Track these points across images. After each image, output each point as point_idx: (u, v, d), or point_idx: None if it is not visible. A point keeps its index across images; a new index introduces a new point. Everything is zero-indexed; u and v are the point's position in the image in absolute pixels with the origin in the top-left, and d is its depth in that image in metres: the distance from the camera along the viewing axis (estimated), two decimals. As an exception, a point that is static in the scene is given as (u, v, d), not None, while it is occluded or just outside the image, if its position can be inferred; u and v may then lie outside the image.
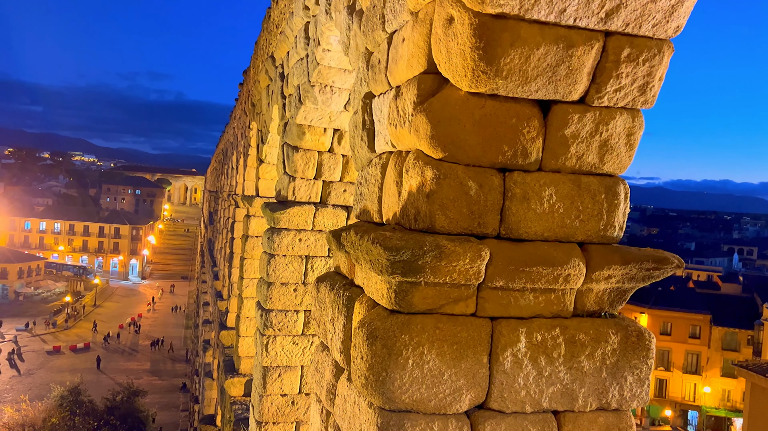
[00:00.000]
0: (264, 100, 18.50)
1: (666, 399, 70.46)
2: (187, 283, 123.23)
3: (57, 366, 72.74)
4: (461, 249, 4.72)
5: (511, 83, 4.75)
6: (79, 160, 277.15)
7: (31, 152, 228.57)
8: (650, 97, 5.16)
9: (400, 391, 4.80)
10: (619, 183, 5.37)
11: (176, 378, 73.53)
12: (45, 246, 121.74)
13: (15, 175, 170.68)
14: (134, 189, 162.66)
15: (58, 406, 43.02)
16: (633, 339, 5.29)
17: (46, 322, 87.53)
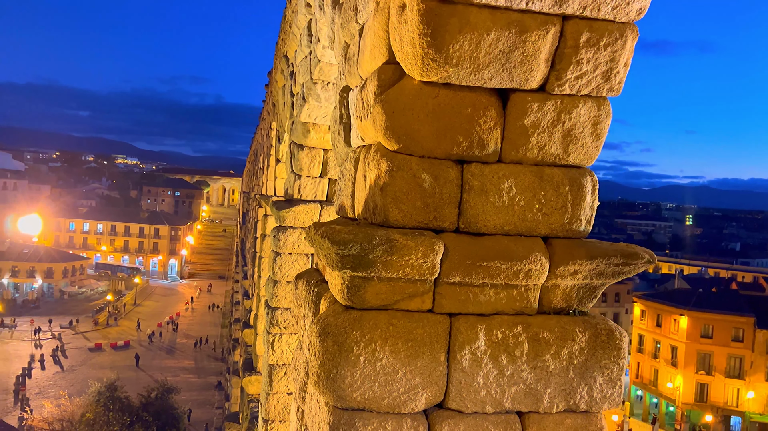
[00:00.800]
0: (280, 100, 18.58)
1: (707, 404, 68.38)
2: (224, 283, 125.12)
3: (98, 363, 74.62)
4: (413, 244, 4.58)
5: (462, 71, 4.58)
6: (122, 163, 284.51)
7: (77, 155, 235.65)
8: (615, 83, 4.92)
9: (351, 389, 4.68)
10: (585, 174, 5.14)
11: (213, 376, 74.68)
12: (88, 246, 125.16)
13: (61, 178, 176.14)
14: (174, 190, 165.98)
15: (94, 402, 44.05)
16: (603, 338, 5.06)
17: (94, 320, 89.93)
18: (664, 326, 70.85)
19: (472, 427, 4.90)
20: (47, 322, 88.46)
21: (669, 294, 75.02)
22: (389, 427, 4.76)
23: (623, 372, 5.12)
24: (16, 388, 59.71)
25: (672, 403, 68.48)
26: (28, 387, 63.26)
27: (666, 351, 70.15)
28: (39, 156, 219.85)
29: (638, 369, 73.84)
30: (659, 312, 71.56)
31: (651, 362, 71.87)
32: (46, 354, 75.01)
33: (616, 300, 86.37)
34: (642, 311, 74.15)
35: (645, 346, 73.21)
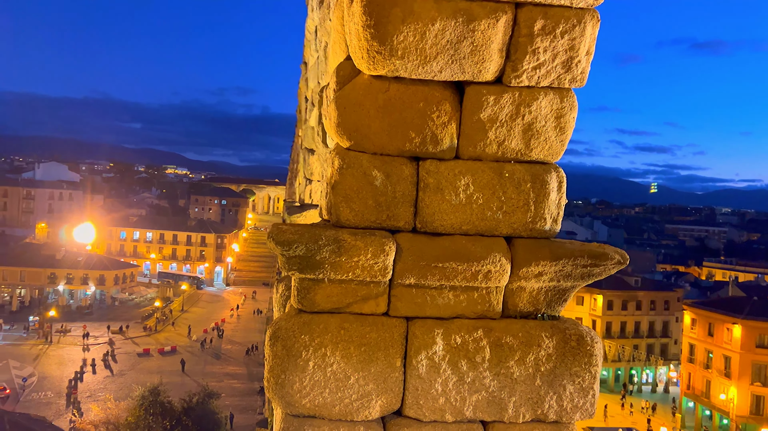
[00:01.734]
0: (301, 106, 18.65)
1: (763, 417, 65.27)
2: (268, 290, 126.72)
3: (146, 368, 76.32)
4: (362, 244, 4.40)
5: (410, 63, 4.38)
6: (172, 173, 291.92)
7: (129, 166, 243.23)
8: (578, 74, 4.63)
9: (299, 395, 4.51)
10: (550, 171, 4.85)
11: (256, 381, 75.50)
12: (138, 254, 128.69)
13: (114, 188, 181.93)
14: (220, 199, 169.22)
15: (138, 406, 45.02)
16: (572, 344, 4.75)
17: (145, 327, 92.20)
18: (717, 335, 68.09)
19: None
20: (101, 328, 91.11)
21: (721, 302, 72.13)
22: None
23: (596, 380, 4.80)
24: (69, 391, 61.58)
25: (726, 416, 65.66)
26: (80, 390, 65.12)
27: (719, 361, 67.36)
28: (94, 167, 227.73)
29: (690, 380, 71.14)
30: (711, 320, 68.84)
31: (703, 372, 69.15)
32: (97, 358, 77.17)
33: (665, 308, 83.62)
34: (693, 319, 71.50)
35: (696, 356, 70.51)
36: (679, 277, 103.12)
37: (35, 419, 44.31)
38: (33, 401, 60.15)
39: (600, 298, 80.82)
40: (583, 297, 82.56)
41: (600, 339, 4.88)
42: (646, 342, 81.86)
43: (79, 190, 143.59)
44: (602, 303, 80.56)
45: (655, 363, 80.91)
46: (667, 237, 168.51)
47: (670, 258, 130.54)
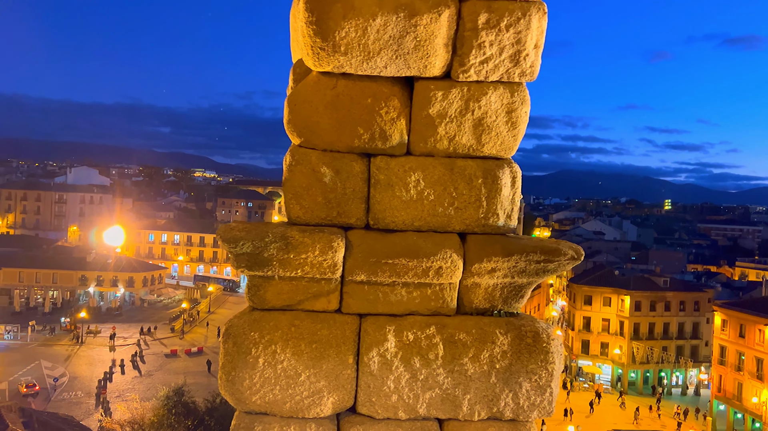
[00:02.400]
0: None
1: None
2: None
3: (173, 369, 77.46)
4: (310, 241, 4.41)
5: (354, 59, 4.38)
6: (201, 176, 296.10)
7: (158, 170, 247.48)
8: (527, 67, 4.57)
9: (249, 392, 4.53)
10: (502, 166, 4.80)
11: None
12: (166, 256, 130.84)
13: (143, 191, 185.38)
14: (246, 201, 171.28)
15: (162, 406, 45.74)
16: (528, 341, 4.69)
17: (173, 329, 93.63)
18: (748, 337, 66.50)
19: None
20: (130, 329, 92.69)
21: (753, 303, 70.39)
22: None
23: (554, 377, 4.72)
24: (98, 392, 62.79)
25: (758, 419, 64.04)
26: (109, 390, 66.36)
27: (750, 363, 65.78)
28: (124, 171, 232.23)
29: (720, 382, 69.60)
30: (742, 321, 67.27)
31: (734, 375, 67.58)
32: (126, 359, 78.52)
33: (695, 308, 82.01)
34: (723, 320, 69.95)
35: (727, 358, 68.95)
36: (710, 277, 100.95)
37: (63, 418, 45.29)
38: (64, 400, 61.51)
39: (627, 299, 79.56)
40: (611, 298, 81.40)
41: (558, 336, 4.81)
42: (675, 344, 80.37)
43: (109, 194, 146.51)
44: (630, 304, 79.28)
45: (684, 365, 79.37)
46: (698, 236, 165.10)
47: (701, 258, 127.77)
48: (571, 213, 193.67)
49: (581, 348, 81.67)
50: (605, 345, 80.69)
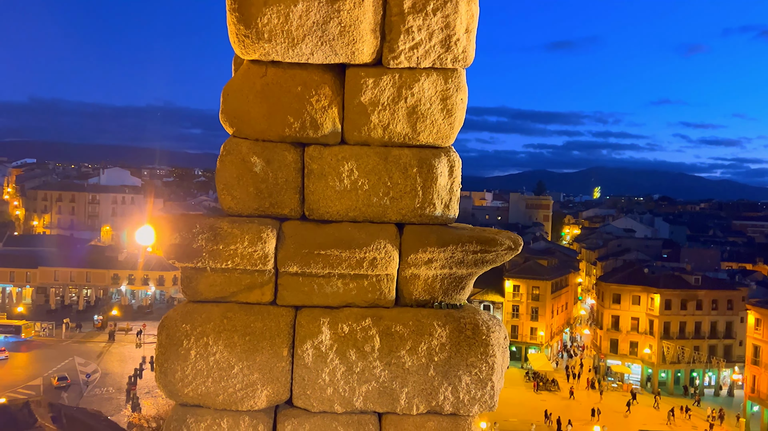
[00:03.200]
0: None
1: None
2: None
3: (201, 366, 78.50)
4: (239, 231, 4.36)
5: (278, 47, 4.31)
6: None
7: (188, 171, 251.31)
8: (459, 53, 4.44)
9: (182, 384, 4.50)
10: (439, 155, 4.67)
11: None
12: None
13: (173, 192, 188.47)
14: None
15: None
16: (467, 333, 4.56)
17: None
18: (784, 336, 64.65)
19: (319, 427, 4.57)
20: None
21: (788, 302, 68.37)
22: (225, 425, 4.53)
23: (494, 371, 4.59)
24: (128, 388, 63.97)
25: (793, 420, 62.22)
26: (139, 386, 67.55)
27: (786, 363, 63.92)
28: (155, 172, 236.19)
29: (755, 383, 67.76)
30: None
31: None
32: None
33: (729, 307, 79.98)
34: (757, 319, 68.09)
35: (761, 358, 67.11)
36: (745, 275, 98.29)
37: (92, 413, 46.21)
38: (96, 396, 62.87)
39: (657, 297, 77.98)
40: (640, 297, 79.90)
41: (500, 327, 4.67)
42: (707, 344, 78.50)
43: (140, 194, 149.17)
44: (659, 303, 77.70)
45: (717, 365, 77.47)
46: (734, 234, 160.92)
47: (736, 256, 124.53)
48: (601, 210, 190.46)
49: (610, 348, 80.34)
50: (634, 344, 79.25)
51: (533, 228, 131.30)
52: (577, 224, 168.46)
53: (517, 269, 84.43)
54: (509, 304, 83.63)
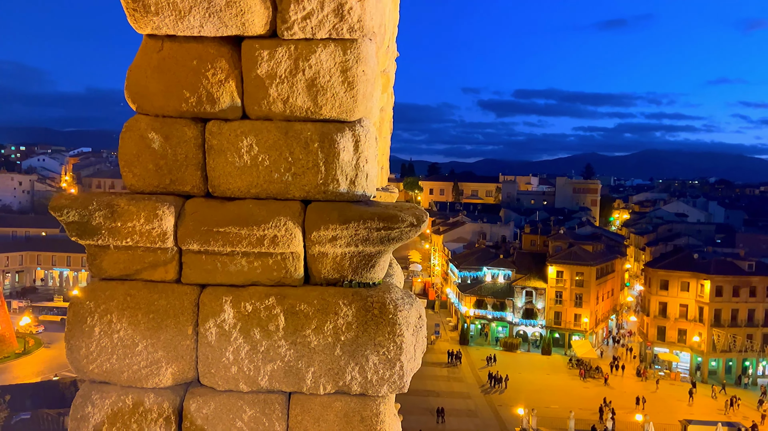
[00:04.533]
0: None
1: None
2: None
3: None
4: (135, 209, 4.32)
5: (167, 19, 4.22)
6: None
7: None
8: (354, 22, 4.25)
9: (86, 361, 4.52)
10: (343, 129, 4.50)
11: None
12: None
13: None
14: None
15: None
16: (375, 312, 4.42)
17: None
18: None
19: (224, 406, 4.52)
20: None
21: None
22: (129, 402, 4.53)
23: (403, 351, 4.43)
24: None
25: None
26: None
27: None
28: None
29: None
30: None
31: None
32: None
33: (780, 293, 76.60)
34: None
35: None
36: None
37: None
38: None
39: (708, 284, 75.33)
40: (689, 283, 77.39)
41: (411, 306, 4.50)
42: (761, 332, 75.50)
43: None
44: (710, 289, 75.06)
45: (771, 353, 74.53)
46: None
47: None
48: (652, 194, 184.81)
49: (657, 335, 78.24)
50: (683, 332, 76.91)
51: (579, 213, 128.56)
52: (627, 209, 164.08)
53: (560, 255, 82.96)
54: (552, 290, 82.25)
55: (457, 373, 71.42)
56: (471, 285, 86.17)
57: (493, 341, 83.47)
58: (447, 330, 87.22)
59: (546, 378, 70.15)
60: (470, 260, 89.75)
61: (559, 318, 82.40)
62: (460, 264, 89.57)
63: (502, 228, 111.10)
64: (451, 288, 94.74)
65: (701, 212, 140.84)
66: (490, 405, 61.70)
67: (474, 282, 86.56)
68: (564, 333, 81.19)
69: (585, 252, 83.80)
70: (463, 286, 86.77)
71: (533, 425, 51.51)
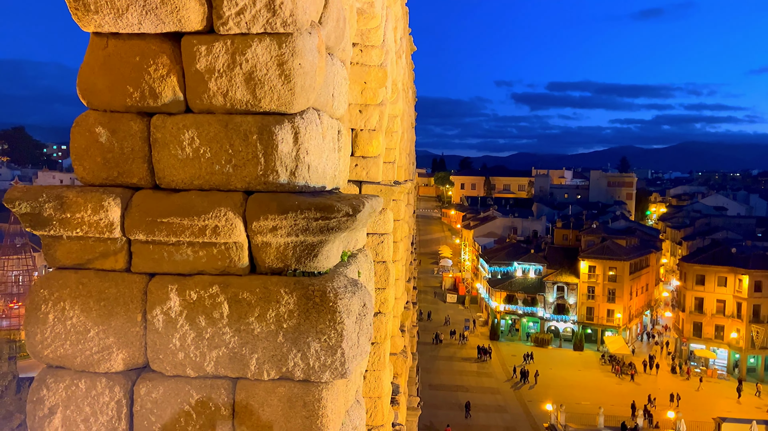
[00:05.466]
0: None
1: None
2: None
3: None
4: (82, 200, 4.51)
5: (107, 17, 4.40)
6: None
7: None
8: (287, 16, 4.35)
9: (41, 346, 4.74)
10: (281, 122, 4.61)
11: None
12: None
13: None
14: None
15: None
16: (316, 300, 4.52)
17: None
18: None
19: (172, 390, 4.69)
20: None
21: None
22: (82, 386, 4.74)
23: (344, 338, 4.52)
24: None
25: None
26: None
27: None
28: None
29: None
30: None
31: None
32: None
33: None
34: None
35: None
36: None
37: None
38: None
39: (746, 279, 73.41)
40: (726, 278, 75.52)
41: (354, 294, 4.59)
42: (803, 328, 73.35)
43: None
44: (748, 284, 73.14)
45: (814, 350, 72.28)
46: None
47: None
48: (691, 187, 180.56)
49: (693, 331, 76.63)
50: (720, 328, 75.16)
51: (614, 207, 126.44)
52: (664, 202, 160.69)
53: (592, 249, 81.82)
54: (584, 285, 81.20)
55: (486, 368, 71.16)
56: (501, 280, 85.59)
57: (524, 337, 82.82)
58: (477, 325, 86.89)
59: (578, 375, 69.38)
60: (501, 255, 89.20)
61: (591, 313, 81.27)
62: (491, 259, 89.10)
63: (534, 222, 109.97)
64: (482, 284, 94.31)
65: (742, 205, 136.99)
66: (520, 401, 61.34)
67: (504, 277, 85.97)
68: (596, 329, 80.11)
69: (618, 247, 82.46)
70: (494, 281, 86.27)
71: (561, 421, 51.03)
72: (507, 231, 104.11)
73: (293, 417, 4.57)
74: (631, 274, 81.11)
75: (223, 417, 4.65)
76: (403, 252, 21.83)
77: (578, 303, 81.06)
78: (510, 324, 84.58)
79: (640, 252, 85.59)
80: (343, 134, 6.07)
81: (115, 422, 4.70)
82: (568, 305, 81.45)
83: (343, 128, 6.13)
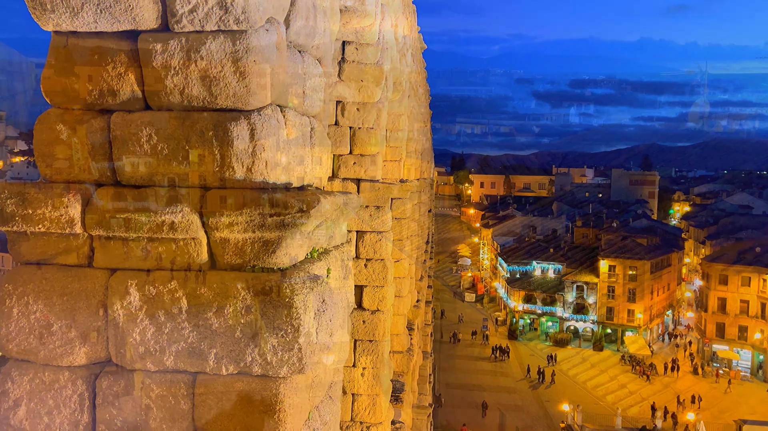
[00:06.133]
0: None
1: None
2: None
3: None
4: (43, 197, 4.59)
5: (63, 16, 4.47)
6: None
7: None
8: (239, 14, 4.38)
9: (6, 340, 4.83)
10: (237, 118, 4.64)
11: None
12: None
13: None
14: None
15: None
16: (273, 296, 4.55)
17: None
18: None
19: (133, 384, 4.76)
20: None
21: None
22: (46, 379, 4.82)
23: (300, 333, 4.54)
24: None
25: None
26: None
27: None
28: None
29: None
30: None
31: None
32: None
33: None
34: None
35: None
36: None
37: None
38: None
39: (770, 278, 72.07)
40: (750, 278, 74.19)
41: (312, 290, 4.61)
42: (830, 329, 71.75)
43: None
44: (772, 284, 71.75)
45: (841, 352, 70.67)
46: None
47: None
48: (715, 185, 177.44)
49: (715, 332, 75.37)
50: (743, 328, 73.82)
51: (635, 206, 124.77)
52: (688, 201, 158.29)
53: (612, 248, 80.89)
54: (604, 285, 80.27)
55: (504, 368, 70.79)
56: (520, 280, 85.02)
57: (543, 336, 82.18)
58: (496, 324, 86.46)
59: (597, 375, 68.70)
60: (519, 254, 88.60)
61: (611, 313, 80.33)
62: (509, 258, 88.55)
63: (553, 221, 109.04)
64: (500, 283, 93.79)
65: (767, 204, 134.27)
66: (537, 401, 60.92)
67: (523, 276, 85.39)
68: (616, 329, 79.19)
69: (639, 246, 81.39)
70: (512, 280, 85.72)
71: (578, 421, 50.58)
72: (526, 230, 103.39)
73: (251, 411, 4.60)
74: (652, 274, 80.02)
75: (182, 411, 4.70)
76: (411, 250, 21.80)
77: (598, 303, 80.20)
78: (529, 324, 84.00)
79: (661, 252, 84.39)
80: (317, 131, 6.08)
81: (77, 414, 4.78)
82: (588, 305, 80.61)
83: (317, 125, 6.14)
